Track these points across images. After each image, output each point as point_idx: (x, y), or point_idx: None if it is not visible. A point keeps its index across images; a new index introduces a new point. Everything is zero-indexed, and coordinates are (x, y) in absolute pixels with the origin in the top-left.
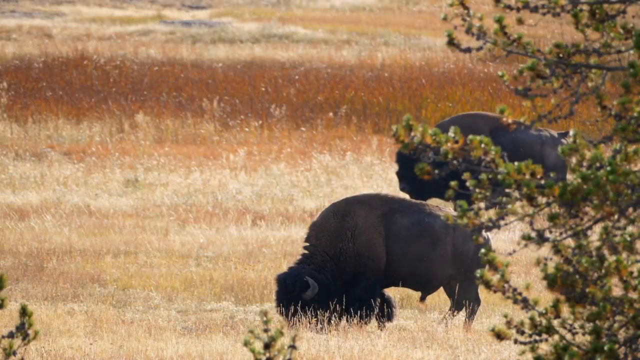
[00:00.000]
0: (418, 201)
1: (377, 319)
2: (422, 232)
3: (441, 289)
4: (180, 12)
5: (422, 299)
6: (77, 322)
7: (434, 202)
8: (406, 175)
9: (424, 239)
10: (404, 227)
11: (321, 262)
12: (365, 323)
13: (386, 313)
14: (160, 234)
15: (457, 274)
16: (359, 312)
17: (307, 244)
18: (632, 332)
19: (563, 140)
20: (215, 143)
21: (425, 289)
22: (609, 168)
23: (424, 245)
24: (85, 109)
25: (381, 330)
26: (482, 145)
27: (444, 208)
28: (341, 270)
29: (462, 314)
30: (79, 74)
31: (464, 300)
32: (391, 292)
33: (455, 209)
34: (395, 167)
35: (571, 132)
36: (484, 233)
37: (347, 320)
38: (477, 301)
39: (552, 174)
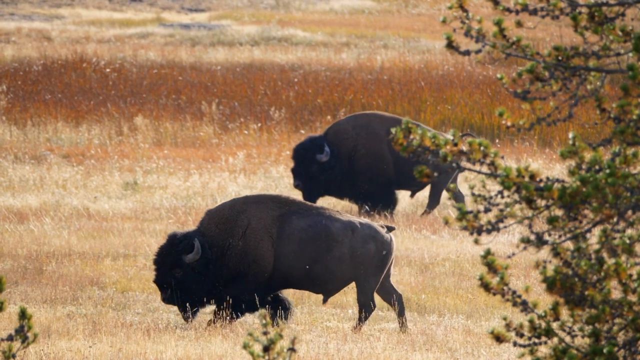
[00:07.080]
0: (318, 205)
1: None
2: (317, 234)
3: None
4: (179, 15)
5: (324, 301)
6: (77, 324)
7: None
8: (301, 173)
9: (318, 241)
10: (298, 228)
11: (209, 244)
12: (235, 318)
13: (282, 314)
14: (159, 236)
15: (357, 276)
16: (231, 310)
17: (199, 226)
18: (631, 334)
19: None
20: (214, 146)
21: (325, 291)
22: (608, 171)
23: (318, 247)
24: (84, 112)
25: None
26: (482, 148)
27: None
28: (222, 265)
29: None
30: (78, 76)
31: (358, 302)
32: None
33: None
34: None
35: (570, 135)
36: (386, 235)
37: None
38: (371, 306)
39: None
